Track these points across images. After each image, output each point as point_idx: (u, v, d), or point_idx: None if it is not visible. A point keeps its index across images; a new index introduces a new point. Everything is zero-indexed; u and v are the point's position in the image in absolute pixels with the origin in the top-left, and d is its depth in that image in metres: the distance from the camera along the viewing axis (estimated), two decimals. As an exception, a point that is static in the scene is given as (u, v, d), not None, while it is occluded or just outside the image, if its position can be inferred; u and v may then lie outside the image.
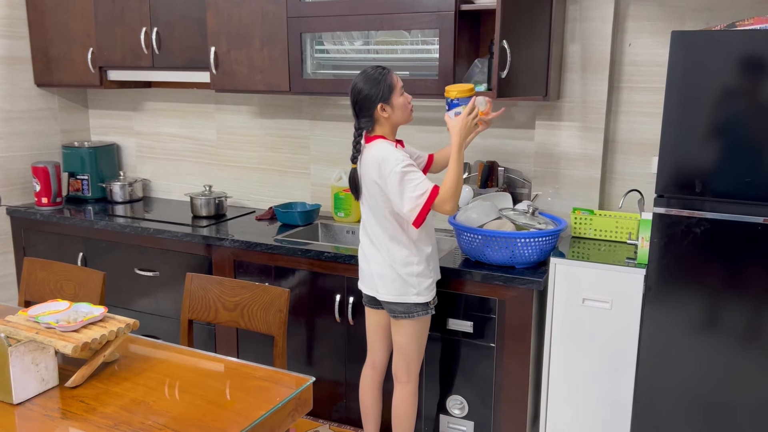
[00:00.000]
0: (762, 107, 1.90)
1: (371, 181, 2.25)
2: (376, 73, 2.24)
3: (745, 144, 1.94)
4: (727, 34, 1.92)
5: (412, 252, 2.29)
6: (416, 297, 2.31)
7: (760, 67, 1.88)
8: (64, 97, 3.82)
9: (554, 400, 2.54)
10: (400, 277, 2.29)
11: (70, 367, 1.70)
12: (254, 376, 1.72)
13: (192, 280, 2.51)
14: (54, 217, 3.40)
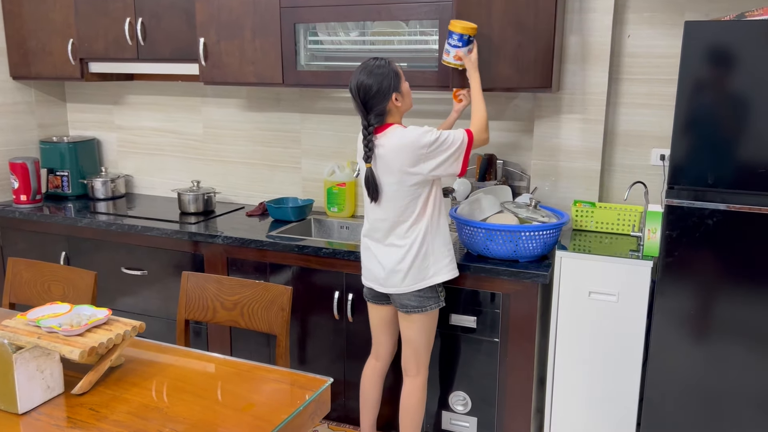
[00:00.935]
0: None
1: (399, 171, 2.19)
2: (380, 65, 2.19)
3: (759, 134, 1.93)
4: (741, 25, 1.91)
5: (430, 230, 2.27)
6: (435, 277, 2.29)
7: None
8: (41, 90, 3.67)
9: (559, 395, 2.52)
10: (419, 258, 2.27)
11: (74, 374, 1.62)
12: (270, 378, 1.65)
13: (188, 279, 2.43)
14: (34, 215, 3.26)
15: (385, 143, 2.21)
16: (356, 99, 2.21)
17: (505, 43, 2.48)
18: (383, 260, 2.30)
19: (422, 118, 3.04)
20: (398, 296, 2.31)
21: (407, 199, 2.23)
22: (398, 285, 2.29)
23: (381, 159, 2.22)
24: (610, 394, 2.44)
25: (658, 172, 2.72)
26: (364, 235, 2.39)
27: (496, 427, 2.61)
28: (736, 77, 1.94)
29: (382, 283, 2.33)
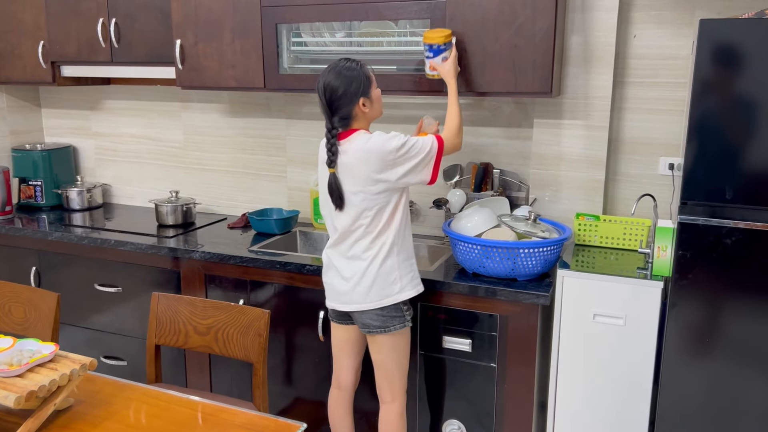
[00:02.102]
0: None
1: (365, 179, 2.04)
2: (349, 67, 2.05)
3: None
4: (762, 23, 1.72)
5: (396, 241, 2.12)
6: (400, 294, 2.13)
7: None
8: (13, 95, 3.48)
9: (562, 422, 2.33)
10: (384, 272, 2.10)
11: (12, 419, 1.43)
12: (235, 424, 1.47)
13: (159, 300, 2.25)
14: (3, 228, 3.07)
15: (348, 149, 2.05)
16: (321, 100, 2.08)
17: (499, 45, 2.30)
18: (345, 273, 2.13)
19: (414, 124, 2.85)
20: (360, 314, 2.15)
21: (374, 209, 2.07)
22: (361, 301, 2.12)
23: (345, 166, 2.07)
24: (617, 421, 2.25)
25: (667, 182, 2.53)
26: (327, 248, 2.22)
27: (493, 458, 2.42)
28: (755, 79, 1.75)
29: (345, 300, 2.16)
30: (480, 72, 2.35)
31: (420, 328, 2.41)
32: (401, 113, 2.87)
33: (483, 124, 2.75)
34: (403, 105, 2.86)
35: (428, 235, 2.92)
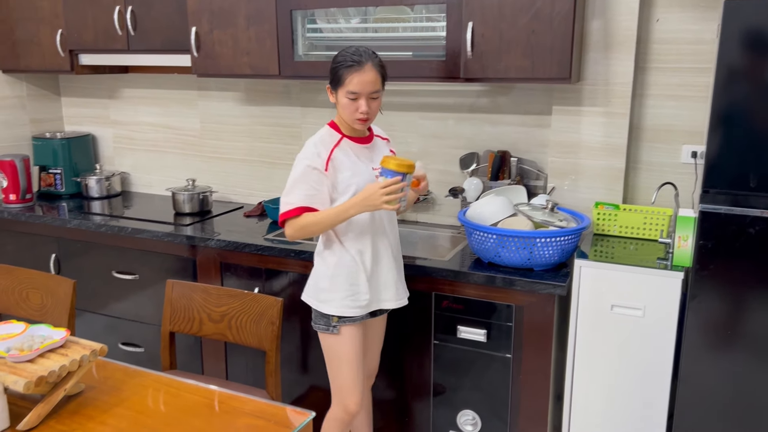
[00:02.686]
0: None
1: None
2: (342, 55, 1.97)
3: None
4: (789, 4, 1.66)
5: (325, 251, 2.09)
6: (324, 305, 2.08)
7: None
8: (34, 83, 3.51)
9: (578, 414, 2.29)
10: (317, 274, 2.11)
11: (24, 403, 1.44)
12: (244, 412, 1.46)
13: (173, 288, 2.25)
14: (23, 216, 3.11)
15: None
16: None
17: (516, 30, 2.25)
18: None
19: (430, 112, 2.82)
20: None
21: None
22: (306, 290, 2.17)
23: None
24: (635, 413, 2.20)
25: (689, 171, 2.46)
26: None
27: (508, 449, 2.39)
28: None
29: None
30: (496, 58, 2.30)
31: (435, 317, 2.38)
32: (417, 101, 2.83)
33: (500, 111, 2.70)
34: (419, 92, 2.82)
35: (443, 224, 2.88)
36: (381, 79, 1.97)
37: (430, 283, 2.35)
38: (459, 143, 2.79)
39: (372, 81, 1.94)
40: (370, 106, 1.96)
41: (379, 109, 2.03)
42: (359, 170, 2.04)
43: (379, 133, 2.18)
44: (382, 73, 1.98)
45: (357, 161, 2.05)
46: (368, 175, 2.03)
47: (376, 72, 1.95)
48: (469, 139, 2.77)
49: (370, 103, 1.97)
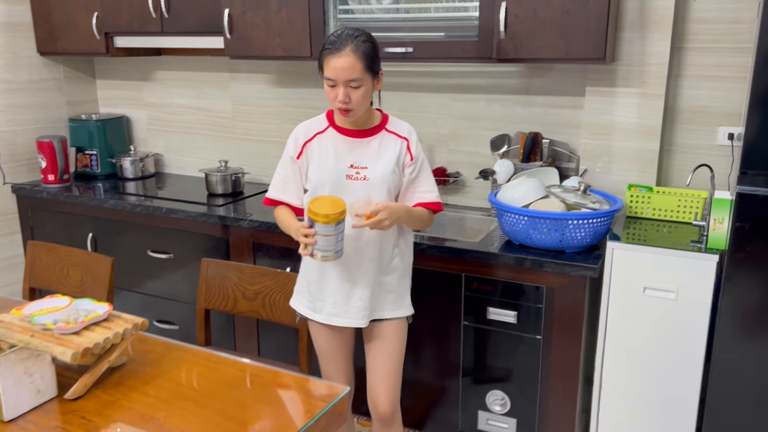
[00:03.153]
0: None
1: None
2: (330, 37, 1.80)
3: None
4: (834, -19, 1.62)
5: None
6: (292, 297, 2.11)
7: None
8: (70, 66, 3.58)
9: (608, 396, 2.29)
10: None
11: (70, 374, 1.49)
12: (280, 384, 1.49)
13: (208, 266, 2.30)
14: (61, 196, 3.19)
15: None
16: None
17: (551, 10, 2.23)
18: None
19: (462, 93, 2.81)
20: None
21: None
22: None
23: None
24: (665, 396, 2.20)
25: (726, 153, 2.43)
26: None
27: (537, 429, 2.41)
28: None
29: None
30: (530, 38, 2.28)
31: (464, 299, 2.40)
32: (449, 82, 2.82)
33: (532, 92, 2.68)
34: (451, 73, 2.81)
35: (473, 206, 2.88)
36: (364, 67, 1.76)
37: (460, 264, 2.36)
38: (490, 125, 2.78)
39: (347, 68, 1.74)
40: (350, 96, 1.77)
41: (364, 99, 1.81)
42: (325, 165, 1.89)
43: (394, 130, 1.94)
44: (367, 60, 1.76)
45: (329, 156, 1.89)
46: (335, 173, 1.87)
47: (354, 58, 1.74)
48: (500, 120, 2.76)
49: (350, 92, 1.77)
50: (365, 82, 1.78)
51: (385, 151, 1.91)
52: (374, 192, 1.88)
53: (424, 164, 1.97)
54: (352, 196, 1.85)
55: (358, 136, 1.91)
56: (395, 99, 2.95)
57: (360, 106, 1.81)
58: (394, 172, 1.91)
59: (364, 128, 1.92)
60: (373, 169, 1.89)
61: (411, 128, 1.98)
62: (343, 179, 1.89)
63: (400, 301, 2.04)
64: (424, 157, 1.98)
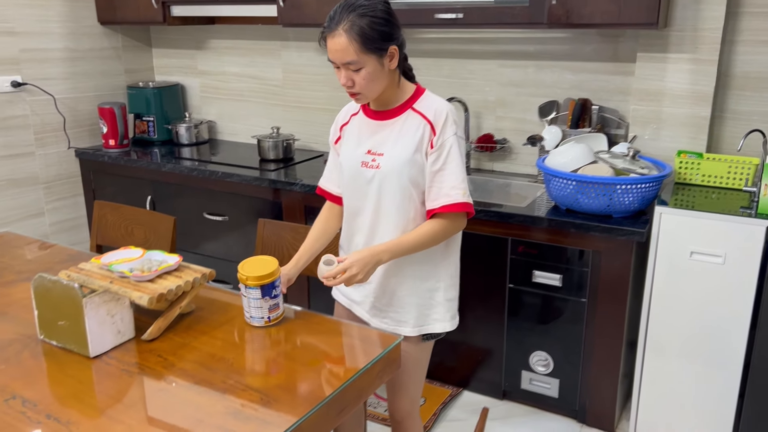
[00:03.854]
0: None
1: None
2: (330, 12, 1.57)
3: None
4: None
5: None
6: None
7: None
8: (128, 35, 3.71)
9: (651, 360, 2.34)
10: None
11: (145, 319, 1.61)
12: (340, 332, 1.59)
13: (264, 226, 2.40)
14: (122, 160, 3.34)
15: None
16: None
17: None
18: None
19: (510, 59, 2.83)
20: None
21: None
22: None
23: None
24: (709, 363, 2.23)
25: (780, 120, 2.40)
26: None
27: (579, 390, 2.47)
28: None
29: None
30: (582, 3, 2.29)
31: (510, 262, 2.45)
32: (497, 48, 2.84)
33: (582, 58, 2.68)
34: (499, 40, 2.83)
35: (519, 173, 2.92)
36: (360, 48, 1.52)
37: (506, 228, 2.41)
38: (538, 91, 2.80)
39: (340, 50, 1.53)
40: (352, 79, 1.57)
41: (371, 82, 1.57)
42: (347, 151, 1.75)
43: (421, 109, 1.65)
44: (364, 39, 1.52)
45: (353, 140, 1.74)
46: (353, 161, 1.72)
47: (346, 39, 1.51)
48: (549, 87, 2.77)
49: (352, 75, 1.56)
50: (366, 64, 1.54)
51: (405, 135, 1.64)
52: (385, 185, 1.65)
53: (452, 153, 1.62)
54: (367, 186, 1.69)
55: (380, 118, 1.69)
56: (444, 65, 2.98)
57: (368, 89, 1.59)
58: (412, 162, 1.63)
59: (388, 108, 1.68)
60: (388, 156, 1.65)
61: (443, 108, 1.63)
62: (358, 167, 1.70)
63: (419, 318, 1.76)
64: (454, 143, 1.62)
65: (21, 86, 3.21)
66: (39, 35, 3.26)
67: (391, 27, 1.57)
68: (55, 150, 3.42)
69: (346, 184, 1.77)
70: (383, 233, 1.70)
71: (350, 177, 1.74)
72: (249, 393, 1.33)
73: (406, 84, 1.69)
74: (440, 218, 1.64)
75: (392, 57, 1.58)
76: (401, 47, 1.62)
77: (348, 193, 1.77)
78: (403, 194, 1.66)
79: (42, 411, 1.28)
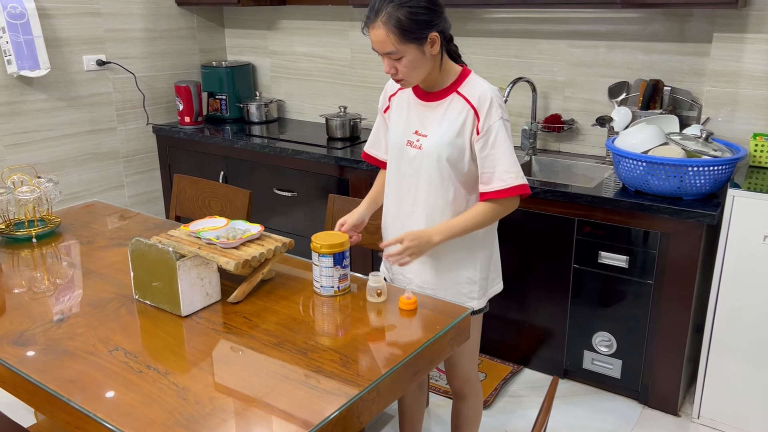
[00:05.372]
0: None
1: None
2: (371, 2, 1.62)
3: None
4: None
5: None
6: None
7: None
8: (203, 16, 3.84)
9: (718, 346, 2.32)
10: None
11: (229, 283, 1.72)
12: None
13: (334, 201, 2.48)
14: (196, 136, 3.48)
15: None
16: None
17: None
18: None
19: (580, 39, 2.81)
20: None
21: None
22: None
23: None
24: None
25: None
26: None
27: (642, 372, 2.47)
28: None
29: None
30: (658, -18, 2.26)
31: (576, 243, 2.47)
32: (567, 28, 2.83)
33: (654, 39, 2.65)
34: (570, 19, 2.81)
35: (587, 154, 2.91)
36: (398, 38, 1.55)
37: (573, 209, 2.42)
38: (608, 72, 2.78)
39: (379, 41, 1.58)
40: (395, 67, 1.61)
41: (413, 69, 1.61)
42: (396, 126, 1.79)
43: (465, 94, 1.67)
44: (402, 30, 1.54)
45: (401, 116, 1.78)
46: (400, 137, 1.76)
47: (384, 31, 1.55)
48: (619, 67, 2.75)
49: (394, 63, 1.60)
50: (406, 53, 1.57)
51: (448, 118, 1.68)
52: (425, 164, 1.71)
53: (499, 137, 1.64)
54: (409, 165, 1.74)
55: (427, 99, 1.72)
56: (511, 45, 2.99)
57: (410, 76, 1.63)
58: (453, 145, 1.66)
59: (434, 90, 1.71)
60: (431, 137, 1.69)
61: (488, 93, 1.65)
62: (404, 145, 1.75)
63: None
64: (501, 127, 1.64)
65: (105, 65, 3.39)
66: (122, 16, 3.42)
67: (431, 14, 1.57)
68: (135, 126, 3.60)
69: (392, 160, 1.82)
70: (420, 213, 1.76)
71: (396, 154, 1.79)
72: (329, 353, 1.42)
73: (451, 67, 1.70)
74: (493, 202, 1.68)
75: (433, 43, 1.60)
76: (443, 32, 1.62)
77: (392, 169, 1.82)
78: (441, 176, 1.70)
79: (142, 362, 1.40)
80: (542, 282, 2.60)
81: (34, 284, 1.80)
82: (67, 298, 1.70)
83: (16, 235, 2.09)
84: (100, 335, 1.51)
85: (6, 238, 2.11)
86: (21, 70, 2.98)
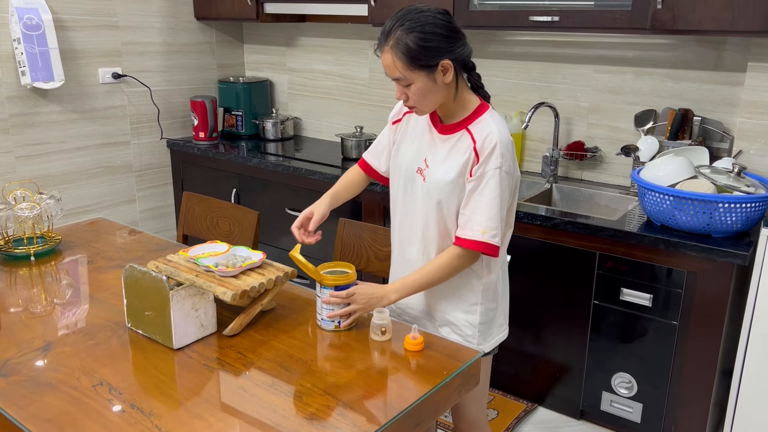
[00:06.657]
0: None
1: None
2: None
3: None
4: None
5: None
6: None
7: None
8: (222, 31, 3.81)
9: (746, 395, 2.17)
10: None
11: (227, 313, 1.63)
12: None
13: (344, 225, 2.39)
14: (210, 152, 3.43)
15: None
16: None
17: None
18: None
19: (607, 65, 2.70)
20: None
21: None
22: None
23: None
24: (814, 401, 2.05)
25: None
26: None
27: (665, 417, 2.33)
28: None
29: None
30: (691, 8, 2.15)
31: (597, 277, 2.34)
32: (593, 53, 2.72)
33: (685, 66, 2.53)
34: (596, 44, 2.71)
35: (610, 183, 2.79)
36: (406, 65, 1.49)
37: (594, 242, 2.31)
38: (635, 99, 2.66)
39: (388, 66, 1.52)
40: (405, 93, 1.55)
41: (424, 97, 1.53)
42: (409, 149, 1.70)
43: (474, 134, 1.58)
44: (410, 57, 1.48)
45: (415, 139, 1.70)
46: (411, 162, 1.68)
47: (392, 56, 1.49)
48: (646, 95, 2.64)
49: (404, 89, 1.54)
50: (415, 80, 1.51)
51: (453, 156, 1.61)
52: (427, 199, 1.65)
53: (488, 187, 1.55)
54: (413, 193, 1.69)
55: (441, 131, 1.64)
56: (534, 68, 2.89)
57: (421, 104, 1.56)
58: (454, 183, 1.60)
59: (449, 122, 1.63)
60: (435, 171, 1.63)
61: (494, 137, 1.54)
62: (414, 171, 1.68)
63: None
64: (494, 177, 1.54)
65: (121, 78, 3.35)
66: (140, 29, 3.39)
67: (445, 41, 1.49)
68: (149, 140, 3.56)
69: (398, 184, 1.74)
70: (418, 244, 1.72)
71: (402, 179, 1.72)
72: (325, 398, 1.32)
73: (468, 99, 1.62)
74: (461, 250, 1.60)
75: (446, 71, 1.52)
76: (459, 59, 1.54)
77: (398, 193, 1.75)
78: (439, 211, 1.64)
79: (126, 400, 1.31)
80: (560, 316, 2.47)
81: (29, 305, 1.73)
82: (58, 324, 1.62)
83: (14, 253, 2.03)
84: (86, 367, 1.43)
85: (4, 256, 2.05)
86: (35, 82, 2.95)
